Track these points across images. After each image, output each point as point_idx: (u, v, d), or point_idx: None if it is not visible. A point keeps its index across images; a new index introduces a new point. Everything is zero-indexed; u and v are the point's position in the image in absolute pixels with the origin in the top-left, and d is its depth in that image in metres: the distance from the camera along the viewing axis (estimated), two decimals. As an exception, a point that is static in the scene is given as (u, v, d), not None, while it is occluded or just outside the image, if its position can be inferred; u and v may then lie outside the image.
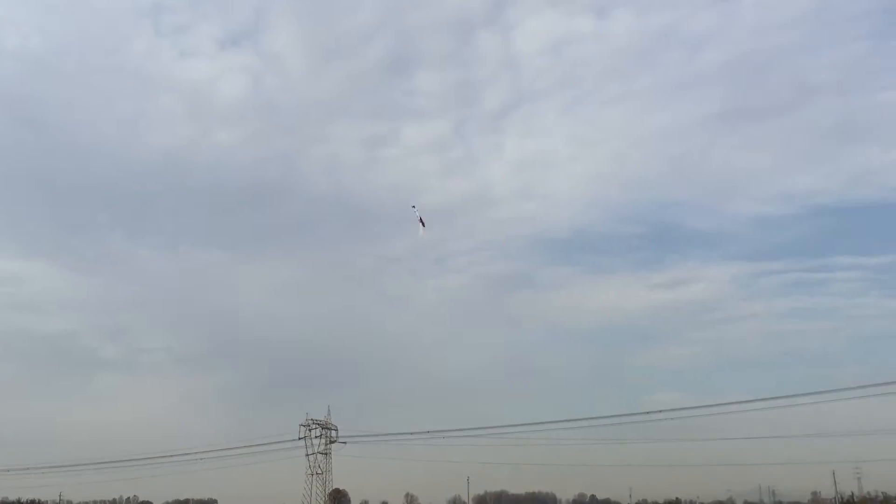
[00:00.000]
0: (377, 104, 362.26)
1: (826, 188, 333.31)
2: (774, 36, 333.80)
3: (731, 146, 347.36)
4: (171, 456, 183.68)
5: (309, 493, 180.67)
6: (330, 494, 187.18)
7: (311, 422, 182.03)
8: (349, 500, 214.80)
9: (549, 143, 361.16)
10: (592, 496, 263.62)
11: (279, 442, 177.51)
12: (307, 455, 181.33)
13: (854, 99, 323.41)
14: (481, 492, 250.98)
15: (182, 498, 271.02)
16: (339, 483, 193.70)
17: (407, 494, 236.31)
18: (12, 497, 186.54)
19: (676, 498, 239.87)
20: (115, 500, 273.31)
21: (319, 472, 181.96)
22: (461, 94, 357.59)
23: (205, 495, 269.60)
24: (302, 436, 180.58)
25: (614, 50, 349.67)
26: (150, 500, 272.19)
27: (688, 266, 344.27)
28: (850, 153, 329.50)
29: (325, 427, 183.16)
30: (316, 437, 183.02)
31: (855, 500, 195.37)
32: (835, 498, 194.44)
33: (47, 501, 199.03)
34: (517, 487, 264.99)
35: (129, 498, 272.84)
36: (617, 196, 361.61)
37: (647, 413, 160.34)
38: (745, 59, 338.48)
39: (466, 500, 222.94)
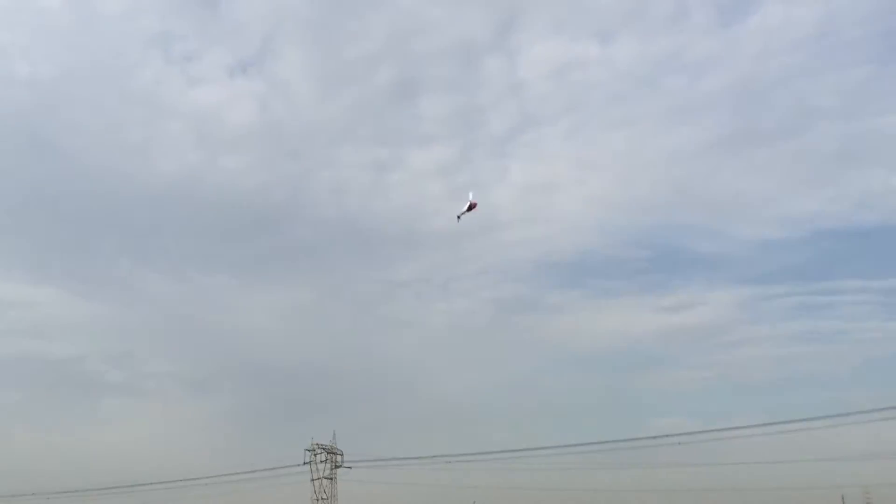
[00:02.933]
0: (383, 129, 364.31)
1: (831, 211, 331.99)
2: (777, 60, 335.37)
3: (735, 170, 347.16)
4: (177, 481, 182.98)
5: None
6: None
7: (316, 446, 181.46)
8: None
9: (554, 167, 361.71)
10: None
11: (284, 467, 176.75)
12: (312, 480, 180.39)
13: (857, 123, 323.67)
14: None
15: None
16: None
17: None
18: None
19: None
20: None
21: (325, 497, 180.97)
22: (467, 119, 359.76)
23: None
24: (307, 461, 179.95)
25: (618, 75, 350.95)
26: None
27: (693, 289, 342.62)
28: (854, 177, 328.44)
29: (331, 452, 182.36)
30: (321, 461, 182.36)
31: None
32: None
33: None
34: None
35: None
36: (622, 219, 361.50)
37: (654, 437, 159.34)
38: (748, 83, 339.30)
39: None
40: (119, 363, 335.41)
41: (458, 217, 72.41)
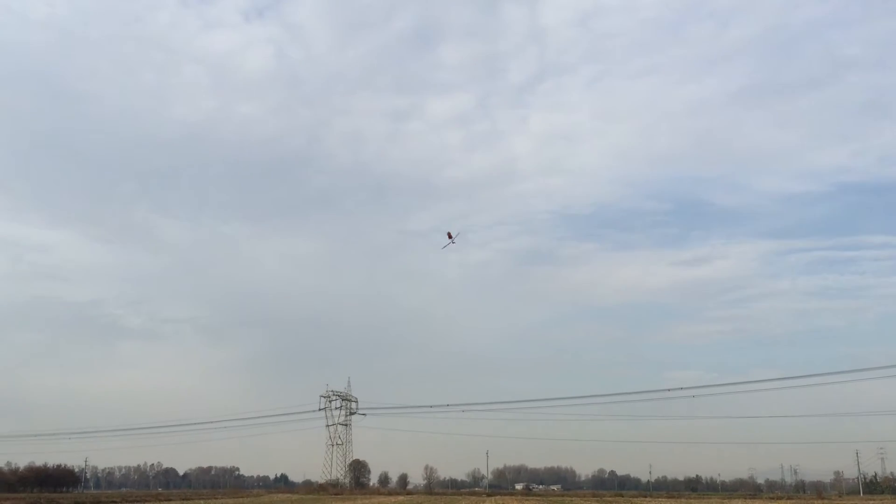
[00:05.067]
0: (401, 78, 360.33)
1: (855, 165, 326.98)
2: (805, 9, 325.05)
3: (760, 122, 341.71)
4: (194, 424, 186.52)
5: (329, 463, 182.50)
6: (350, 465, 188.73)
7: (331, 393, 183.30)
8: (369, 472, 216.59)
9: (574, 117, 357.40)
10: (612, 472, 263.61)
11: (300, 412, 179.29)
12: (327, 426, 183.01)
13: (886, 75, 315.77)
14: (500, 466, 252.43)
15: (205, 465, 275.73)
16: (358, 454, 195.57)
17: (426, 467, 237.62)
18: (38, 462, 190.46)
19: (697, 475, 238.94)
20: (139, 466, 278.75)
21: (340, 442, 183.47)
22: (486, 67, 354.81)
23: (227, 463, 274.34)
24: (322, 407, 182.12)
25: (642, 22, 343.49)
26: (173, 466, 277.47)
27: (712, 243, 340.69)
28: (880, 130, 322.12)
29: (346, 399, 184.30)
30: (336, 408, 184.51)
31: (878, 480, 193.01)
32: (858, 478, 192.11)
33: (73, 467, 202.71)
34: (536, 462, 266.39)
35: (153, 464, 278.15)
36: (642, 171, 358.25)
37: (669, 390, 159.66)
38: (775, 32, 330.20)
39: (486, 474, 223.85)
40: (136, 308, 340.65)
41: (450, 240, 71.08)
